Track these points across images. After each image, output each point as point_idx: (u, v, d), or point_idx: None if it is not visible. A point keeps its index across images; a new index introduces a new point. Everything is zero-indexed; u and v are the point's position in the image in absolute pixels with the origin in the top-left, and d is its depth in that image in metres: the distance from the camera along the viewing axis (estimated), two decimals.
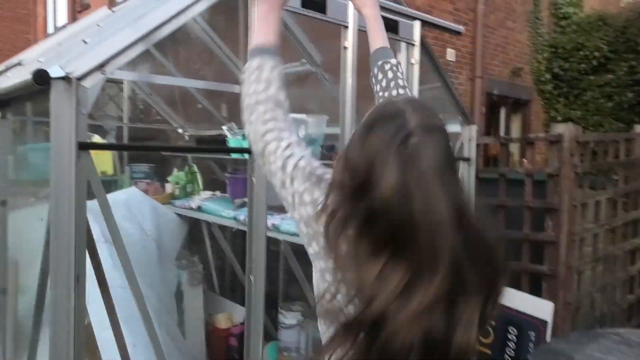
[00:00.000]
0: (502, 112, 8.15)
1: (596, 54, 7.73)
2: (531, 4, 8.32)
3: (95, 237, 1.89)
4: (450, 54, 7.19)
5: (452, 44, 7.17)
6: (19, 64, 3.23)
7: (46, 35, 12.12)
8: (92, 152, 3.57)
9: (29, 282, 2.02)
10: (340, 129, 2.13)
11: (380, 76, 1.41)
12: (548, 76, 8.34)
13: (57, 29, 11.24)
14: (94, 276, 1.85)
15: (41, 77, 1.35)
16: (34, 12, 13.70)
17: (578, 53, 8.00)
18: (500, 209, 2.99)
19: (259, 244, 1.78)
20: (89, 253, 1.52)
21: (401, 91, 1.38)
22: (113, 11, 3.73)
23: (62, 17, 11.89)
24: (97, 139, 3.65)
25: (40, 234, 1.61)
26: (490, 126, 7.90)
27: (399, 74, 1.41)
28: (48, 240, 1.47)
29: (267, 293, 3.51)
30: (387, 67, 1.41)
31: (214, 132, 4.01)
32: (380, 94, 1.40)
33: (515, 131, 8.38)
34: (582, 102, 7.91)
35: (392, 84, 1.38)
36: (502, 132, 8.07)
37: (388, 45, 1.47)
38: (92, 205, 2.35)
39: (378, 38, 1.47)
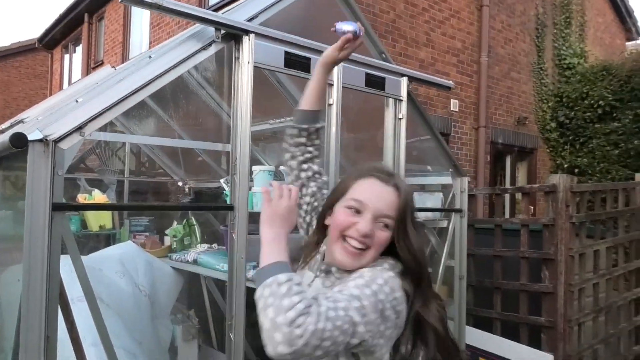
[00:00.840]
0: (508, 160, 8.16)
1: (601, 102, 7.78)
2: (535, 56, 8.48)
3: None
4: (454, 105, 7.30)
5: (455, 95, 7.28)
6: (22, 121, 3.33)
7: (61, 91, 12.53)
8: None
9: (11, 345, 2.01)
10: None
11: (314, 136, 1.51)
12: (553, 125, 8.39)
13: (71, 85, 11.63)
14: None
15: (19, 141, 1.39)
16: (51, 69, 14.24)
17: (583, 102, 8.06)
18: (496, 259, 2.94)
19: (239, 300, 1.76)
20: (62, 312, 1.51)
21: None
22: (115, 69, 3.86)
23: (77, 73, 12.34)
24: (97, 193, 3.71)
25: (18, 294, 1.60)
26: (496, 174, 7.89)
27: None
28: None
29: (261, 347, 3.46)
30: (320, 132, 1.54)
31: (213, 185, 4.05)
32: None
33: (522, 179, 8.36)
34: (588, 150, 7.90)
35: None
36: (508, 180, 8.05)
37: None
38: (86, 260, 2.35)
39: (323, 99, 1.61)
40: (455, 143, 7.23)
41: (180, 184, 4.29)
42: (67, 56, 13.42)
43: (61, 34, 13.02)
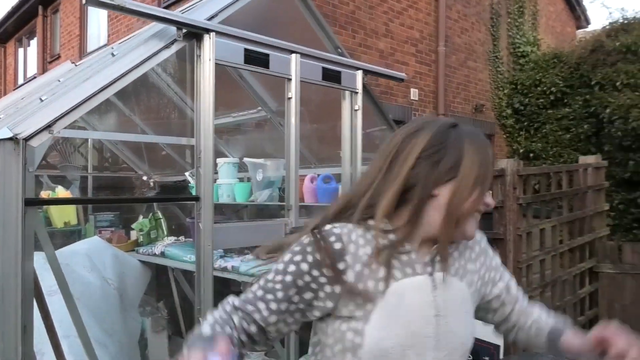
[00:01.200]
0: None
1: (553, 89, 8.08)
2: (491, 44, 8.74)
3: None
4: (414, 94, 7.48)
5: (415, 84, 7.47)
6: None
7: (16, 86, 12.20)
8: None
9: None
10: (286, 171, 2.25)
11: None
12: (509, 111, 8.68)
13: (27, 80, 11.34)
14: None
15: None
16: (4, 63, 13.80)
17: (536, 89, 8.36)
18: None
19: (207, 287, 1.86)
20: (37, 304, 1.58)
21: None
22: (76, 65, 3.86)
23: (33, 67, 12.02)
24: (60, 189, 3.72)
25: None
26: None
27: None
28: None
29: None
30: None
31: (178, 178, 4.11)
32: None
33: None
34: (542, 135, 8.22)
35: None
36: None
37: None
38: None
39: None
40: None
41: (144, 178, 4.33)
42: (21, 50, 13.04)
43: (14, 27, 12.63)
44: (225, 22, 2.15)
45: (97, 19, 9.62)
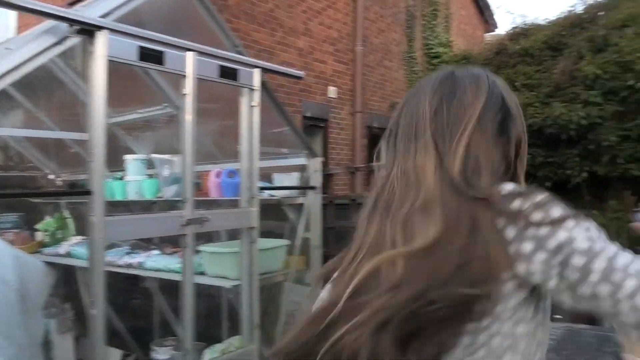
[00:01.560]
0: None
1: None
2: (406, 45, 9.12)
3: None
4: (332, 92, 7.68)
5: (333, 82, 7.68)
6: None
7: None
8: None
9: None
10: (182, 164, 2.32)
11: None
12: None
13: None
14: None
15: None
16: None
17: None
18: (353, 230, 3.31)
19: (98, 280, 1.91)
20: None
21: None
22: None
23: None
24: None
25: None
26: (372, 156, 8.45)
27: None
28: None
29: (141, 329, 3.57)
30: None
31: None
32: None
33: None
34: None
35: None
36: None
37: None
38: None
39: None
40: (334, 128, 7.63)
41: (51, 177, 4.21)
42: None
43: None
44: (122, 20, 2.19)
45: (5, 9, 9.09)
